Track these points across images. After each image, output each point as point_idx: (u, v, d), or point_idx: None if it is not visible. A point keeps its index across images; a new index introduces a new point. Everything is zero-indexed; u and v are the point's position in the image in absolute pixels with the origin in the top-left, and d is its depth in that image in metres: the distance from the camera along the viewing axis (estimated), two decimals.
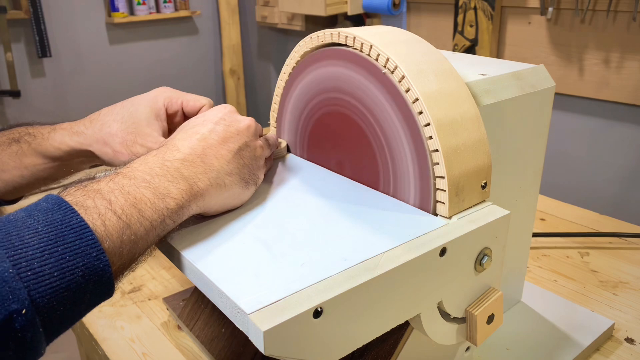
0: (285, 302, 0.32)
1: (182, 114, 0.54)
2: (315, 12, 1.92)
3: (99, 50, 2.43)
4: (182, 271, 0.39)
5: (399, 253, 0.37)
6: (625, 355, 0.57)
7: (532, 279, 0.71)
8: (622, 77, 1.33)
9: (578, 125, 1.47)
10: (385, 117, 0.44)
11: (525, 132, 0.52)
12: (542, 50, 1.47)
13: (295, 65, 0.53)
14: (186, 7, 2.58)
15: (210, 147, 0.41)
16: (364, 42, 0.44)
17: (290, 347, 0.32)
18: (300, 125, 0.54)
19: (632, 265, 0.74)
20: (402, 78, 0.42)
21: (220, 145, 0.42)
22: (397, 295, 0.37)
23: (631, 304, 0.65)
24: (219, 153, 0.41)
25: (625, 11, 1.28)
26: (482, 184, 0.43)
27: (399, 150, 0.44)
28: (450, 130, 0.41)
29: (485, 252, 0.41)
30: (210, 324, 0.56)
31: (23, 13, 2.15)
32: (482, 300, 0.43)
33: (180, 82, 2.71)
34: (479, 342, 0.43)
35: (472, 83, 0.46)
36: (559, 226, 0.85)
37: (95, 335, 0.61)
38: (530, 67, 0.53)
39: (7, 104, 2.25)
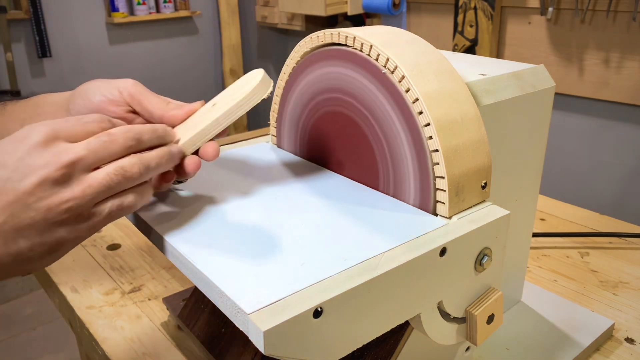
0: (285, 302, 0.32)
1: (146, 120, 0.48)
2: (315, 12, 1.92)
3: (99, 50, 2.43)
4: (182, 271, 0.39)
5: (399, 253, 0.37)
6: (625, 355, 0.57)
7: (532, 279, 0.71)
8: (622, 77, 1.33)
9: (578, 125, 1.47)
10: (385, 117, 0.44)
11: (525, 132, 0.52)
12: (542, 50, 1.47)
13: (295, 66, 0.53)
14: (186, 7, 2.58)
15: None
16: (364, 42, 0.44)
17: (291, 347, 0.32)
18: (300, 126, 0.54)
19: (632, 265, 0.74)
20: (402, 78, 0.42)
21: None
22: (397, 295, 0.37)
23: (631, 304, 0.65)
24: None
25: (625, 11, 1.28)
26: (482, 184, 0.43)
27: (398, 151, 0.44)
28: (450, 130, 0.41)
29: (485, 252, 0.41)
30: (210, 324, 0.56)
31: (23, 13, 2.15)
32: (482, 300, 0.43)
33: (180, 82, 2.71)
34: (479, 342, 0.43)
35: (472, 83, 0.46)
36: (559, 226, 0.85)
37: (95, 335, 0.61)
38: (530, 67, 0.53)
39: None
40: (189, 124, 0.46)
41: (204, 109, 0.47)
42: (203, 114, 0.46)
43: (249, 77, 0.45)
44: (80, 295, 0.68)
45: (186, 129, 0.45)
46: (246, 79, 0.45)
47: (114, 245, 0.80)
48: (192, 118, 0.47)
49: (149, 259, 0.77)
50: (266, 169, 0.52)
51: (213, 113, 0.44)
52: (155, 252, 0.78)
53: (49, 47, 2.26)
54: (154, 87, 2.34)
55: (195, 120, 0.46)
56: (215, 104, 0.46)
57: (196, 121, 0.45)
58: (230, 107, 0.43)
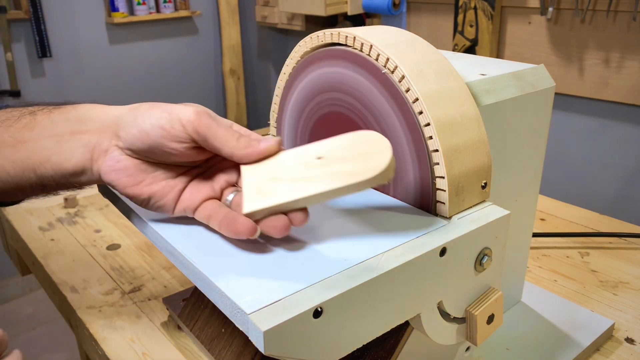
0: (285, 302, 0.32)
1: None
2: (315, 12, 1.92)
3: (99, 50, 2.43)
4: (182, 271, 0.39)
5: (399, 253, 0.37)
6: (626, 355, 0.57)
7: (532, 279, 0.71)
8: (622, 77, 1.33)
9: (578, 125, 1.47)
10: (385, 117, 0.44)
11: (525, 132, 0.52)
12: (542, 50, 1.47)
13: (295, 65, 0.53)
14: (186, 7, 2.58)
15: None
16: (364, 42, 0.44)
17: (290, 347, 0.32)
18: (300, 125, 0.54)
19: (632, 265, 0.74)
20: (402, 78, 0.42)
21: None
22: (397, 295, 0.37)
23: (631, 304, 0.65)
24: None
25: (625, 11, 1.28)
26: (482, 184, 0.43)
27: (398, 151, 0.44)
28: (451, 130, 0.41)
29: (485, 252, 0.41)
30: (210, 324, 0.56)
31: (23, 13, 2.15)
32: (482, 300, 0.43)
33: (180, 81, 2.71)
34: (479, 342, 0.43)
35: (472, 83, 0.46)
36: (559, 226, 0.85)
37: (95, 335, 0.61)
38: (530, 67, 0.53)
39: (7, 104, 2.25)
40: (264, 169, 0.39)
41: (292, 155, 0.39)
42: (292, 165, 0.38)
43: (371, 144, 0.36)
44: (80, 295, 0.68)
45: (262, 180, 0.38)
46: (368, 147, 0.36)
47: (113, 245, 0.80)
48: (271, 162, 0.39)
49: (149, 259, 0.77)
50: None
51: (317, 183, 0.35)
52: (155, 252, 0.78)
53: (49, 47, 2.25)
54: (154, 87, 2.33)
55: (277, 168, 0.38)
56: (321, 158, 0.37)
57: (280, 173, 0.38)
58: (346, 185, 0.35)
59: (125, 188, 0.41)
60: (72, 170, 0.41)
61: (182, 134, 0.39)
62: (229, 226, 0.38)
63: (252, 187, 0.38)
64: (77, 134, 0.41)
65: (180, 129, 0.38)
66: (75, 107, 0.43)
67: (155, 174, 0.41)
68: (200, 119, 0.39)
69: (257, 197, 0.37)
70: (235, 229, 0.37)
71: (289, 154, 0.39)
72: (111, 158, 0.41)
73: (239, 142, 0.39)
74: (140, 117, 0.40)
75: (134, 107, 0.41)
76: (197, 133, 0.39)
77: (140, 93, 2.59)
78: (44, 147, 0.41)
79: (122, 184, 0.41)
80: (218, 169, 0.43)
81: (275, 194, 0.36)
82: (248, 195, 0.38)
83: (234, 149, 0.39)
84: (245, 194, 0.38)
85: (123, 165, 0.41)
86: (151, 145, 0.39)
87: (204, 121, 0.39)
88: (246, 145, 0.39)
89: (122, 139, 0.40)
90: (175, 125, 0.38)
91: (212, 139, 0.39)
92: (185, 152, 0.40)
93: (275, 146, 0.40)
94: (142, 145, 0.39)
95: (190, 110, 0.39)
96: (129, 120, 0.40)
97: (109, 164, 0.41)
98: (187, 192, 0.42)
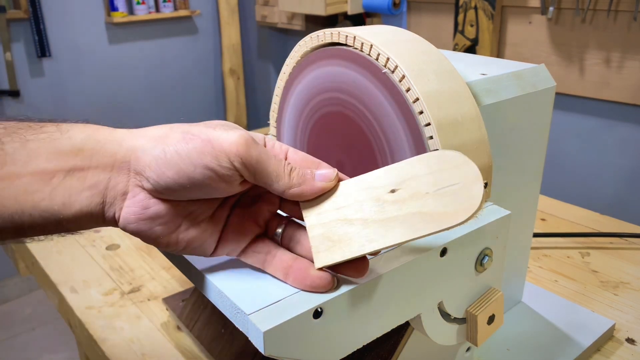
0: (285, 302, 0.32)
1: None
2: (315, 11, 1.91)
3: (99, 50, 2.42)
4: (181, 272, 0.39)
5: (399, 253, 0.37)
6: (626, 355, 0.57)
7: (533, 279, 0.70)
8: (622, 77, 1.33)
9: (579, 125, 1.47)
10: (385, 117, 0.44)
11: (526, 132, 0.52)
12: (542, 49, 1.47)
13: (295, 65, 0.53)
14: (186, 7, 2.58)
15: None
16: (364, 41, 0.44)
17: (290, 347, 0.32)
18: (300, 125, 0.54)
19: (633, 265, 0.73)
20: (402, 78, 0.41)
21: None
22: (398, 296, 0.36)
23: (632, 305, 0.65)
24: None
25: (626, 11, 1.28)
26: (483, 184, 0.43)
27: (399, 150, 0.44)
28: (451, 130, 0.41)
29: (485, 252, 0.41)
30: (210, 325, 0.56)
31: (22, 12, 2.15)
32: (483, 300, 0.43)
33: (180, 81, 2.71)
34: (479, 342, 0.43)
35: (473, 83, 0.46)
36: (560, 226, 0.85)
37: (94, 336, 0.61)
38: (530, 67, 0.52)
39: (7, 103, 2.25)
40: (329, 206, 0.34)
41: (358, 186, 0.34)
42: (361, 200, 0.33)
43: (454, 171, 0.31)
44: (79, 296, 0.68)
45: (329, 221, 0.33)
46: (451, 175, 0.31)
47: (113, 245, 0.80)
48: (335, 195, 0.34)
49: (149, 259, 0.76)
50: None
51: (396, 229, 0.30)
52: (155, 252, 0.78)
53: (49, 46, 2.25)
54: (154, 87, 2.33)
55: (344, 205, 0.33)
56: (395, 191, 0.32)
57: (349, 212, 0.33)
58: (431, 232, 0.30)
59: (159, 238, 0.33)
60: (74, 218, 0.32)
61: (231, 172, 0.32)
62: (303, 280, 0.33)
63: (319, 233, 0.33)
64: (76, 172, 0.32)
65: (228, 165, 0.32)
66: (66, 132, 0.33)
67: (191, 215, 0.34)
68: (249, 151, 0.32)
69: (327, 245, 0.32)
70: (312, 283, 0.33)
71: (353, 183, 0.34)
72: (135, 203, 0.33)
73: (292, 178, 0.34)
74: (176, 155, 0.31)
75: (160, 137, 0.33)
76: (246, 168, 0.32)
77: (140, 93, 2.59)
78: (26, 189, 0.31)
79: (155, 234, 0.33)
80: (258, 197, 0.37)
81: (348, 244, 0.32)
82: (317, 243, 0.33)
83: (286, 187, 0.33)
84: (313, 242, 0.33)
85: (154, 212, 0.33)
86: (193, 188, 0.32)
87: (253, 153, 0.32)
88: (300, 182, 0.34)
89: (151, 180, 0.32)
90: (223, 163, 0.32)
91: (262, 175, 0.33)
92: (232, 189, 0.33)
93: (334, 181, 0.35)
94: (180, 189, 0.32)
95: (234, 139, 0.32)
96: (158, 157, 0.32)
97: (134, 210, 0.33)
98: (229, 231, 0.35)
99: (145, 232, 0.33)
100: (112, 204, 0.33)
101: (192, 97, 2.78)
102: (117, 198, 0.33)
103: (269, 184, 0.33)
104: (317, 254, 0.33)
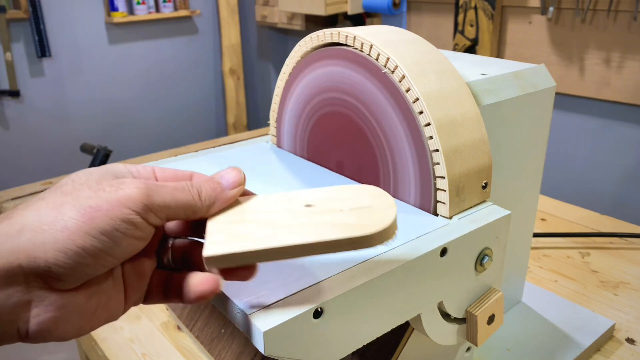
0: (285, 302, 0.32)
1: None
2: (315, 11, 1.91)
3: (99, 50, 2.43)
4: None
5: (399, 253, 0.37)
6: (626, 355, 0.57)
7: (533, 279, 0.70)
8: (622, 77, 1.33)
9: (579, 125, 1.47)
10: (385, 117, 0.44)
11: (526, 132, 0.52)
12: (542, 49, 1.47)
13: (295, 65, 0.53)
14: (186, 7, 2.58)
15: None
16: (364, 41, 0.44)
17: (291, 347, 0.32)
18: (300, 125, 0.54)
19: (633, 265, 0.73)
20: (402, 78, 0.41)
21: None
22: (398, 296, 0.36)
23: (632, 304, 0.65)
24: None
25: (625, 11, 1.28)
26: (483, 184, 0.43)
27: (399, 150, 0.44)
28: (451, 130, 0.41)
29: (485, 252, 0.41)
30: (209, 325, 0.56)
31: (22, 13, 2.15)
32: (483, 300, 0.43)
33: (179, 81, 2.71)
34: (479, 342, 0.43)
35: (473, 83, 0.46)
36: (560, 226, 0.85)
37: (94, 336, 0.61)
38: (530, 67, 0.52)
39: (7, 104, 2.25)
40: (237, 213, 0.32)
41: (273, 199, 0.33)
42: (273, 209, 0.31)
43: (372, 199, 0.31)
44: None
45: (232, 221, 0.31)
46: (368, 201, 0.31)
47: None
48: (247, 204, 0.32)
49: None
50: (266, 169, 0.52)
51: (303, 232, 0.29)
52: None
53: (49, 46, 2.25)
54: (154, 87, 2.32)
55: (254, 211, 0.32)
56: (311, 206, 0.31)
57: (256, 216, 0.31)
58: (337, 239, 0.29)
59: (81, 330, 0.29)
60: None
61: (144, 232, 0.28)
62: (186, 293, 0.30)
63: (219, 229, 0.30)
64: None
65: (140, 221, 0.28)
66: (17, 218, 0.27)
67: (98, 284, 0.29)
68: (150, 197, 0.28)
69: (226, 239, 0.29)
70: (194, 295, 0.30)
71: (270, 198, 0.33)
72: (47, 307, 0.27)
73: (204, 200, 0.31)
74: (58, 232, 0.26)
75: (52, 223, 0.26)
76: (156, 215, 0.29)
77: (139, 93, 2.59)
78: None
79: (75, 330, 0.28)
80: None
81: (250, 239, 0.29)
82: (214, 238, 0.30)
83: (203, 212, 0.31)
84: (209, 237, 0.30)
85: (61, 306, 0.27)
86: (106, 254, 0.27)
87: (157, 199, 0.29)
88: (213, 199, 0.31)
89: (41, 273, 0.26)
90: (135, 220, 0.28)
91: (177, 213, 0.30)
92: (143, 244, 0.29)
93: (244, 183, 0.33)
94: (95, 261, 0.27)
95: (132, 191, 0.28)
96: (39, 242, 0.26)
97: (50, 316, 0.27)
98: (129, 282, 0.31)
99: (62, 335, 0.28)
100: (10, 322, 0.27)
101: (192, 97, 2.78)
102: (14, 313, 0.27)
103: (185, 217, 0.31)
104: (212, 244, 0.29)
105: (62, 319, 0.27)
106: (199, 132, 2.85)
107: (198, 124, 2.85)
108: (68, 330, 0.28)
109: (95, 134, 2.49)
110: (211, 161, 0.53)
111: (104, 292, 0.29)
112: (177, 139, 2.75)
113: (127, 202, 0.27)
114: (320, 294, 0.33)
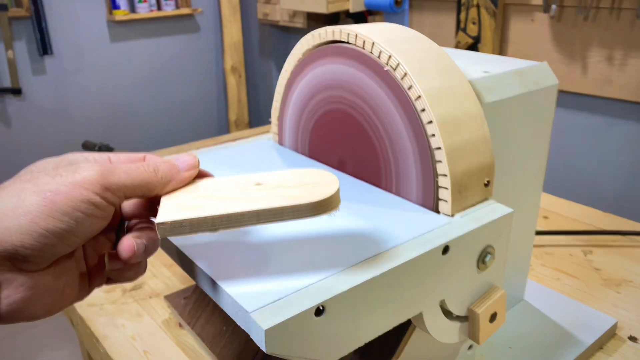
0: (286, 300, 0.32)
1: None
2: (317, 9, 1.91)
3: (100, 48, 2.43)
4: (182, 269, 0.39)
5: (401, 251, 0.37)
6: (629, 353, 0.57)
7: (535, 277, 0.70)
8: (625, 75, 1.33)
9: (581, 123, 1.47)
10: (387, 114, 0.44)
11: (529, 130, 0.52)
12: (545, 47, 1.46)
13: (297, 63, 0.53)
14: (187, 5, 2.58)
15: None
16: (366, 39, 0.44)
17: (292, 345, 0.31)
18: (302, 123, 0.54)
19: (636, 263, 0.73)
20: (404, 75, 0.41)
21: None
22: (400, 294, 0.36)
23: (635, 302, 0.65)
24: None
25: (628, 8, 1.28)
26: (485, 182, 0.43)
27: (401, 148, 0.43)
28: (453, 127, 0.41)
29: (488, 250, 0.41)
30: (211, 322, 0.56)
31: (24, 11, 2.15)
32: (485, 298, 0.43)
33: (181, 79, 2.71)
34: (481, 340, 0.43)
35: (475, 80, 0.46)
36: (562, 224, 0.84)
37: (96, 333, 0.61)
38: (533, 65, 0.52)
39: (9, 101, 2.25)
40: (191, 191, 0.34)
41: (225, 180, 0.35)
42: (225, 187, 0.34)
43: (318, 178, 0.34)
44: None
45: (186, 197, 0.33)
46: (314, 179, 0.34)
47: None
48: (201, 184, 0.35)
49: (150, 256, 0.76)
50: (267, 167, 0.52)
51: (252, 202, 0.32)
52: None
53: (50, 44, 2.26)
54: (155, 85, 2.32)
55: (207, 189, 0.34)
56: (261, 184, 0.34)
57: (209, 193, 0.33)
58: (284, 206, 0.31)
59: (51, 309, 0.31)
60: None
61: (104, 211, 0.30)
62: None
63: (173, 202, 0.32)
64: None
65: (99, 201, 0.29)
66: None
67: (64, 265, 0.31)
68: (106, 177, 0.30)
69: (177, 209, 0.31)
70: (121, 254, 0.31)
71: (224, 178, 0.35)
72: (17, 288, 0.28)
73: (161, 179, 0.33)
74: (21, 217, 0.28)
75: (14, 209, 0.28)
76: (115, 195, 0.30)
77: (141, 91, 2.59)
78: None
79: (45, 309, 0.30)
80: None
81: (200, 208, 0.31)
82: (167, 209, 0.31)
83: (159, 189, 0.33)
84: (162, 207, 0.32)
85: (30, 287, 0.29)
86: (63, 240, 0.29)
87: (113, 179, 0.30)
88: (169, 177, 0.33)
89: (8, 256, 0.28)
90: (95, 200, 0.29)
91: (136, 191, 0.32)
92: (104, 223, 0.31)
93: (197, 166, 0.35)
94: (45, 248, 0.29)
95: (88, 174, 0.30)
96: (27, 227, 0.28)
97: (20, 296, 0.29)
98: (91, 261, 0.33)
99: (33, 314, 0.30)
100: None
101: (194, 95, 2.78)
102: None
103: (142, 195, 0.32)
104: (164, 214, 0.31)
105: (32, 299, 0.29)
106: (200, 130, 2.85)
107: (200, 121, 2.85)
108: (38, 310, 0.30)
109: (97, 132, 2.49)
110: (213, 159, 0.53)
111: (70, 272, 0.31)
112: (179, 137, 2.75)
113: (84, 183, 0.29)
114: (321, 292, 0.33)
